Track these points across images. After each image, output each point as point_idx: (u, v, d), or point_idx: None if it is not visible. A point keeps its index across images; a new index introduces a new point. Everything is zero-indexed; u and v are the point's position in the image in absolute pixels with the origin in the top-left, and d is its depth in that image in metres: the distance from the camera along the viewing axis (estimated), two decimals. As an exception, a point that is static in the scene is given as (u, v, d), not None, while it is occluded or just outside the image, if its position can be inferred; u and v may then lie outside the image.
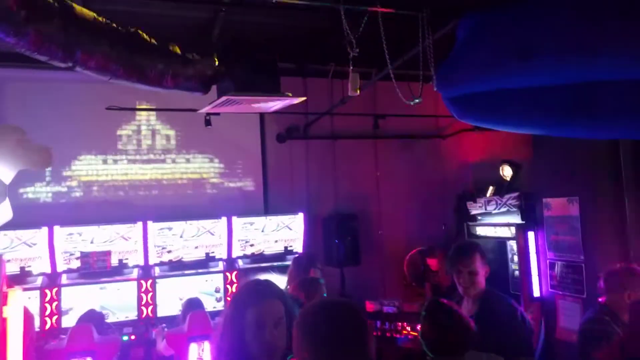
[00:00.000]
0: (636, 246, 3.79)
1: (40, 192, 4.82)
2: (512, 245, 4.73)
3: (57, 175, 4.88)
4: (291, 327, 1.68)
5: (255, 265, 4.96)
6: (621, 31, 2.33)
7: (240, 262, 4.99)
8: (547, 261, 4.34)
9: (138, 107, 5.00)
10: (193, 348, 3.70)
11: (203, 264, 4.89)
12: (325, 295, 2.89)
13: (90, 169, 4.98)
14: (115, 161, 5.06)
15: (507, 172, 4.91)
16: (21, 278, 4.28)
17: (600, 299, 2.82)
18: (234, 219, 4.96)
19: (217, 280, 4.83)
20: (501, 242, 4.94)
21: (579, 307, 3.97)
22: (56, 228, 4.44)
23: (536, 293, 4.41)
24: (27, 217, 4.57)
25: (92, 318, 3.89)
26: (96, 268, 4.53)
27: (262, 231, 5.05)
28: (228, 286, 4.79)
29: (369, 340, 1.30)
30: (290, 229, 5.13)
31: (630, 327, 2.39)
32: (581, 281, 3.98)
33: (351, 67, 2.89)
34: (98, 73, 2.53)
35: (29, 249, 4.37)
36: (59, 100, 4.86)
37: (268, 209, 5.43)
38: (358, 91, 2.96)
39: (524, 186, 4.69)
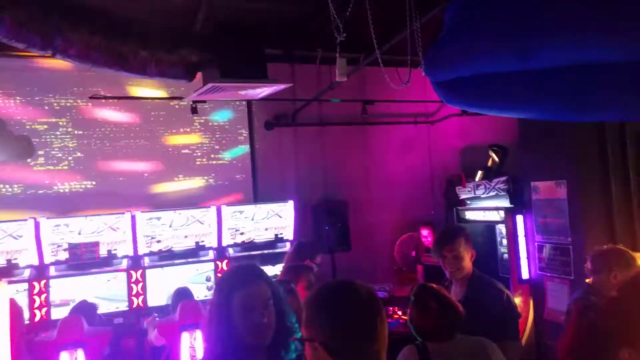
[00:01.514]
0: (622, 228, 3.84)
1: (25, 183, 4.74)
2: (501, 228, 4.76)
3: (41, 165, 4.80)
4: (279, 309, 1.68)
5: (245, 254, 4.95)
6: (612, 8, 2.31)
7: (230, 251, 4.98)
8: (536, 244, 4.38)
9: (122, 96, 4.91)
10: (185, 337, 3.69)
11: (193, 253, 4.87)
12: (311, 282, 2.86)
13: (74, 158, 4.91)
14: (101, 151, 4.99)
15: (495, 156, 4.93)
16: (8, 271, 4.23)
17: (587, 280, 2.85)
18: (224, 207, 4.93)
19: (208, 269, 4.82)
20: (490, 226, 4.97)
21: (566, 288, 4.02)
22: (42, 220, 4.38)
23: (525, 275, 4.46)
24: (12, 209, 4.52)
25: (85, 309, 3.86)
26: (85, 259, 4.48)
27: (252, 219, 5.04)
28: (219, 274, 4.78)
29: (385, 321, 1.29)
30: (281, 217, 5.12)
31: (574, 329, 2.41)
32: (569, 263, 4.03)
33: (338, 53, 2.85)
34: (79, 61, 2.47)
35: (15, 241, 4.31)
36: (41, 89, 4.77)
37: (257, 197, 5.42)
38: (346, 77, 2.92)
39: (512, 170, 4.71)
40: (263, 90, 3.33)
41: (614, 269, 2.66)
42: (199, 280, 4.77)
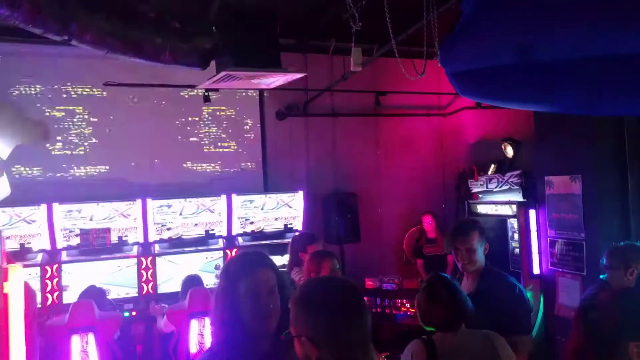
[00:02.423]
0: (637, 224, 3.78)
1: (39, 168, 4.78)
2: (513, 223, 4.73)
3: (56, 151, 4.84)
4: (283, 296, 1.68)
5: (255, 243, 4.96)
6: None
7: (240, 240, 4.99)
8: (548, 239, 4.34)
9: (136, 83, 4.92)
10: (194, 324, 3.72)
11: (203, 242, 4.89)
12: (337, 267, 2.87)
13: (89, 145, 4.95)
14: (115, 137, 5.01)
15: (508, 149, 4.88)
16: (21, 255, 4.28)
17: (601, 276, 2.82)
18: (234, 196, 4.94)
19: (217, 257, 4.84)
20: (502, 220, 4.94)
21: (578, 284, 3.98)
22: (55, 205, 4.42)
23: (536, 270, 4.43)
24: (26, 194, 4.56)
25: (93, 294, 3.90)
26: (96, 245, 4.52)
27: (262, 209, 5.04)
28: (225, 264, 4.79)
29: (368, 316, 1.33)
30: (290, 207, 5.12)
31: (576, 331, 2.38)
32: (581, 259, 3.99)
33: (354, 42, 2.82)
34: (94, 47, 2.47)
35: (28, 226, 4.36)
36: (55, 75, 4.80)
37: (268, 187, 5.42)
38: (360, 66, 2.90)
39: (526, 164, 4.66)
40: (276, 80, 3.30)
41: (631, 265, 2.62)
42: (208, 269, 4.79)
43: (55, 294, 4.34)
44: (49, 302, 4.30)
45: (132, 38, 2.56)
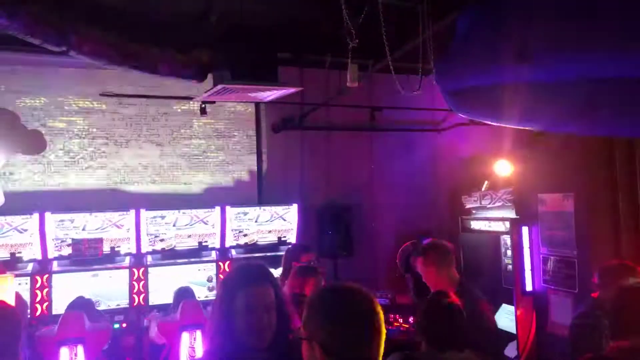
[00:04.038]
0: (629, 242, 3.81)
1: (32, 178, 4.76)
2: (506, 239, 4.74)
3: (49, 160, 4.83)
4: (280, 312, 1.67)
5: (248, 255, 4.94)
6: (620, 26, 2.31)
7: (233, 252, 4.97)
8: (541, 256, 4.36)
9: (132, 94, 4.93)
10: (185, 337, 3.69)
11: (196, 253, 4.86)
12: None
13: (82, 154, 4.94)
14: (108, 148, 5.01)
15: (502, 166, 4.91)
16: (11, 264, 4.23)
17: (593, 294, 2.83)
18: (228, 208, 4.93)
19: (210, 269, 4.81)
20: (495, 236, 4.96)
21: (570, 302, 4.00)
22: (47, 214, 4.39)
23: (529, 287, 4.44)
24: (18, 203, 4.53)
25: (82, 305, 3.86)
26: (88, 255, 4.49)
27: (256, 221, 5.03)
28: (221, 275, 4.77)
29: (383, 325, 1.31)
30: (284, 220, 5.12)
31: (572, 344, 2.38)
32: (574, 276, 4.01)
33: (350, 58, 2.85)
34: (92, 58, 2.49)
35: (19, 235, 4.32)
36: (51, 85, 4.80)
37: (262, 200, 5.41)
38: (357, 82, 2.93)
39: (519, 181, 4.70)
40: (272, 93, 3.33)
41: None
42: (201, 281, 4.76)
43: (45, 304, 4.29)
44: (38, 313, 4.24)
45: (130, 50, 2.58)
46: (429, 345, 2.16)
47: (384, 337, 1.31)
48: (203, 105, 4.35)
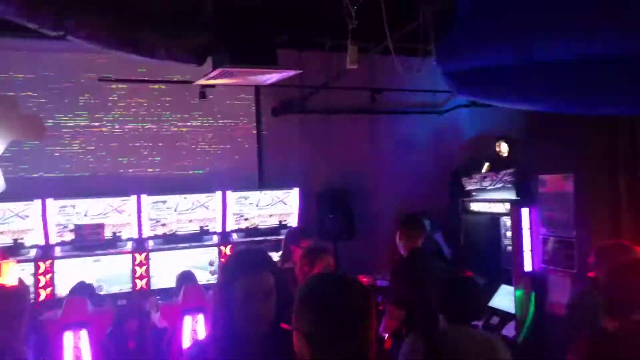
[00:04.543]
0: (629, 223, 3.82)
1: (33, 164, 4.76)
2: (506, 221, 4.76)
3: (50, 146, 4.82)
4: (281, 299, 1.68)
5: (249, 239, 4.97)
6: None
7: (234, 236, 5.00)
8: (540, 237, 4.37)
9: (131, 78, 4.90)
10: (187, 320, 3.73)
11: (197, 238, 4.89)
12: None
13: (83, 140, 4.93)
14: (110, 133, 5.00)
15: (503, 148, 4.90)
16: (14, 250, 4.26)
17: (590, 274, 2.85)
18: (229, 193, 4.94)
19: (212, 253, 4.84)
20: (495, 218, 4.97)
21: (569, 282, 4.02)
22: (49, 201, 4.40)
23: (528, 268, 4.46)
24: (19, 189, 4.54)
25: (83, 290, 3.89)
26: (90, 241, 4.51)
27: (257, 205, 5.05)
28: (222, 260, 4.81)
29: (372, 316, 1.28)
30: (285, 204, 5.13)
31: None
32: (572, 257, 4.03)
33: (349, 40, 2.83)
34: (90, 42, 2.46)
35: (21, 221, 4.35)
36: (50, 70, 4.77)
37: (263, 184, 5.42)
38: (357, 64, 2.90)
39: (519, 163, 4.69)
40: (272, 76, 3.31)
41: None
42: (203, 265, 4.80)
43: (49, 289, 4.33)
44: (42, 298, 4.28)
45: (128, 34, 2.55)
46: (450, 320, 2.21)
47: (372, 326, 1.27)
48: (203, 89, 4.32)
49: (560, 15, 2.48)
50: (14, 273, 2.73)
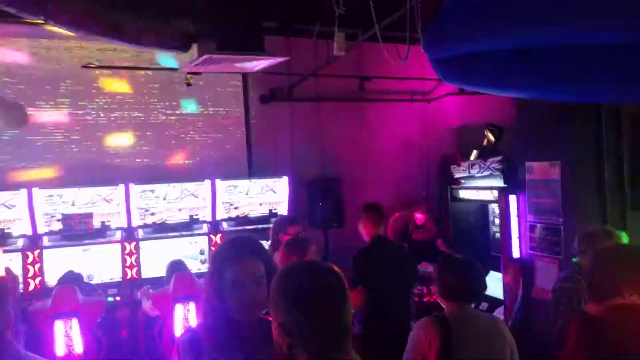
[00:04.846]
0: (613, 210, 3.88)
1: (15, 154, 4.70)
2: (494, 208, 4.80)
3: (34, 135, 4.76)
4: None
5: (239, 228, 4.96)
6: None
7: (224, 225, 4.99)
8: (528, 224, 4.43)
9: (116, 65, 4.84)
10: (178, 309, 3.74)
11: (187, 227, 4.88)
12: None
13: (69, 129, 4.87)
14: (96, 122, 4.95)
15: (491, 135, 4.93)
16: (2, 240, 4.23)
17: (574, 259, 2.90)
18: (218, 181, 4.92)
19: (202, 242, 4.84)
20: (483, 205, 5.02)
21: (555, 267, 4.08)
22: (35, 190, 4.36)
23: (516, 254, 4.52)
24: (5, 178, 4.49)
25: (71, 279, 3.88)
26: (78, 230, 4.48)
27: (247, 194, 5.04)
28: (212, 248, 4.80)
29: (346, 306, 1.26)
30: (275, 192, 5.13)
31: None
32: (559, 243, 4.08)
33: (337, 26, 2.81)
34: (72, 28, 2.42)
35: (8, 211, 4.30)
36: (33, 57, 4.69)
37: (252, 172, 5.41)
38: (344, 51, 2.89)
39: (507, 150, 4.72)
40: (259, 64, 3.28)
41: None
42: (193, 253, 4.79)
43: (38, 279, 4.31)
44: (31, 288, 4.26)
45: (112, 20, 2.51)
46: (457, 302, 2.24)
47: (348, 312, 1.26)
48: (189, 77, 4.28)
49: (549, 2, 2.48)
50: (0, 262, 2.72)
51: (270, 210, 5.12)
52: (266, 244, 4.50)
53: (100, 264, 4.50)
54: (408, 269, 3.70)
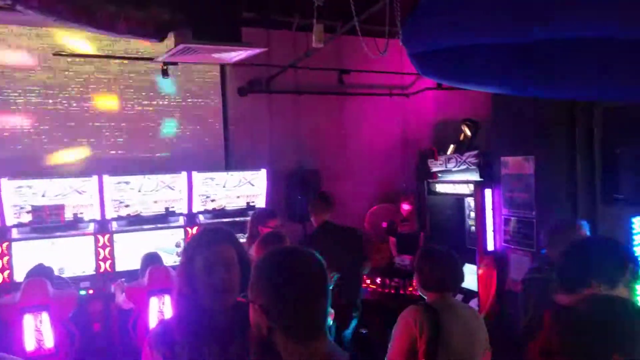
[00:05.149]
0: (585, 204, 3.97)
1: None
2: (470, 202, 4.87)
3: (3, 125, 4.61)
4: (245, 273, 1.67)
5: (216, 221, 4.91)
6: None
7: (201, 217, 4.94)
8: (502, 217, 4.50)
9: (89, 53, 4.71)
10: (153, 301, 3.68)
11: (163, 219, 4.81)
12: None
13: (39, 118, 4.73)
14: (67, 111, 4.81)
15: (467, 130, 4.99)
16: (-31, 232, 4.10)
17: (542, 251, 2.97)
18: (194, 173, 4.86)
19: (178, 235, 4.77)
20: (460, 198, 5.08)
21: (528, 260, 4.17)
22: (3, 180, 4.23)
23: (490, 247, 4.60)
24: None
25: (41, 273, 3.78)
26: (49, 222, 4.37)
27: (224, 187, 4.99)
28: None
29: (326, 291, 1.29)
30: (253, 185, 5.09)
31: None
32: (532, 236, 4.17)
33: (315, 18, 2.79)
34: (41, 13, 2.33)
35: (-26, 203, 4.16)
36: (2, 43, 4.54)
37: (229, 164, 5.35)
38: (322, 43, 2.87)
39: (483, 145, 4.79)
40: (237, 54, 3.24)
41: (566, 241, 2.76)
42: (169, 246, 4.72)
43: (6, 272, 4.18)
44: (-1, 281, 4.15)
45: (84, 4, 2.44)
46: (439, 292, 2.27)
47: (328, 301, 1.29)
48: (165, 67, 4.20)
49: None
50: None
51: (247, 203, 5.08)
52: (242, 238, 4.48)
53: (72, 257, 4.40)
54: (356, 251, 3.97)
